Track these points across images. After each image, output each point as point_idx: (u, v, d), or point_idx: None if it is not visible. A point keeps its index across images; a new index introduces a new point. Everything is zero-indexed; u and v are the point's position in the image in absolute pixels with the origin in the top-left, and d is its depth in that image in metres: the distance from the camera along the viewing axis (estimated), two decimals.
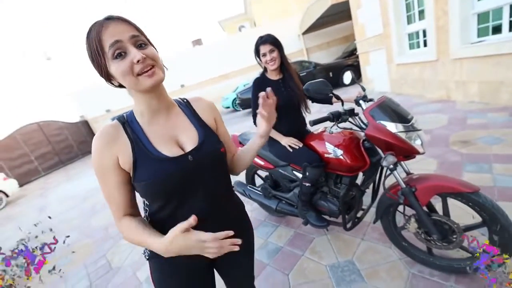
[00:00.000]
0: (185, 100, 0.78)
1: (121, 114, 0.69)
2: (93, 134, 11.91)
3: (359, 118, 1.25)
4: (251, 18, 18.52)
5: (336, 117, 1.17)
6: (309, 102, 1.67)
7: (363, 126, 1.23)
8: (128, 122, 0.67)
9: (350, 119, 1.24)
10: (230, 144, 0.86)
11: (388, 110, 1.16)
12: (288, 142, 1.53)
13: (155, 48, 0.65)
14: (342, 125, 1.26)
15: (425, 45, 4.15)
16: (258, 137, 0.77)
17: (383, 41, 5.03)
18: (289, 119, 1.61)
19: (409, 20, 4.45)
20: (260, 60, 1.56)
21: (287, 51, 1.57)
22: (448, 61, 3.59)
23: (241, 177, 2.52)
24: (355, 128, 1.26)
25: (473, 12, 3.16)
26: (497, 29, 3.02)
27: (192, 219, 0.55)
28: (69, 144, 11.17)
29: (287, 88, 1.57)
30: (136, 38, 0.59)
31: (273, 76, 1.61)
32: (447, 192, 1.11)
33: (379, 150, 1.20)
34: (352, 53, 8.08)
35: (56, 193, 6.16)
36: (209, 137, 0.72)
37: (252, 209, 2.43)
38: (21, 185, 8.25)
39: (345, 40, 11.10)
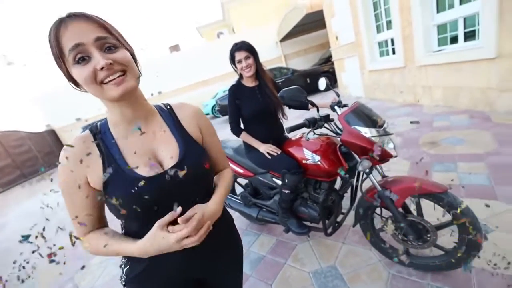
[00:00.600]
0: (168, 107, 0.69)
1: (94, 123, 0.62)
2: (61, 145, 11.09)
3: (335, 124, 1.27)
4: (229, 25, 18.66)
5: (312, 124, 1.17)
6: (286, 108, 1.68)
7: (339, 131, 1.25)
8: (100, 133, 0.59)
9: (326, 125, 1.26)
10: (220, 156, 0.76)
11: (361, 115, 1.19)
12: (266, 149, 1.51)
13: (129, 50, 0.57)
14: (319, 130, 1.27)
15: (393, 52, 4.42)
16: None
17: (356, 49, 5.28)
18: (266, 125, 1.60)
19: (378, 29, 4.72)
20: (236, 67, 1.54)
21: (265, 58, 1.58)
22: (414, 67, 3.84)
23: None
24: (331, 133, 1.27)
25: (433, 24, 3.43)
26: (454, 39, 3.29)
27: (178, 210, 0.54)
28: (33, 156, 10.21)
29: (263, 95, 1.57)
30: (102, 40, 0.51)
31: (248, 83, 1.60)
32: (420, 193, 1.15)
33: (355, 155, 1.22)
34: (328, 59, 8.40)
35: (16, 210, 5.60)
36: (192, 151, 0.64)
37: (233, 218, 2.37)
38: None
39: (321, 47, 11.53)
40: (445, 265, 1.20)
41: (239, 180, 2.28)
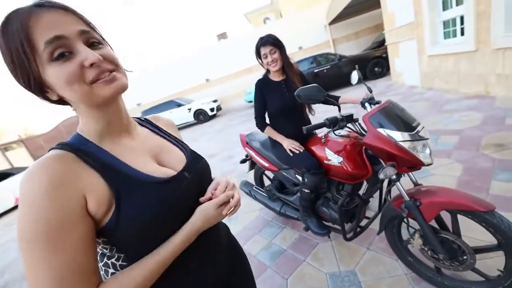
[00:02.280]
0: (143, 119, 0.65)
1: (59, 144, 0.45)
2: None
3: (359, 124, 1.17)
4: (276, 9, 18.11)
5: (333, 124, 1.10)
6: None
7: (364, 133, 1.15)
8: (80, 150, 0.44)
9: (350, 125, 1.17)
10: None
11: (391, 117, 1.06)
12: (289, 145, 1.49)
13: (112, 50, 0.49)
14: (340, 131, 1.19)
15: (462, 33, 3.71)
16: None
17: (414, 31, 4.59)
18: (291, 121, 1.56)
19: (445, 6, 3.99)
20: (262, 61, 1.53)
21: (312, 43, 1.54)
22: (489, 51, 3.17)
23: (250, 176, 2.53)
24: (353, 134, 1.18)
25: None
26: None
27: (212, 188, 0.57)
28: None
29: (290, 90, 1.52)
30: (87, 34, 0.43)
31: (275, 77, 1.57)
32: (457, 209, 1.00)
33: (381, 160, 1.12)
34: (382, 43, 7.53)
35: None
36: (193, 152, 0.63)
37: (260, 208, 2.44)
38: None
39: (375, 29, 10.34)
40: None
41: (267, 172, 2.32)
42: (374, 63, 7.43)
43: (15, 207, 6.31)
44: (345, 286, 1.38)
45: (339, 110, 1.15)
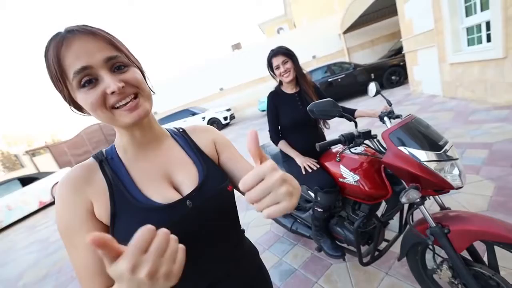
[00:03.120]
0: (181, 130, 0.64)
1: (100, 150, 0.55)
2: None
3: (378, 141, 1.08)
4: (290, 20, 18.31)
5: (348, 140, 1.02)
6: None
7: (383, 150, 1.06)
8: (107, 160, 0.51)
9: (367, 142, 1.08)
10: (245, 167, 0.61)
11: (413, 133, 0.97)
12: (303, 163, 1.41)
13: (138, 67, 0.51)
14: (357, 149, 1.10)
15: (488, 40, 3.50)
16: None
17: (434, 38, 4.41)
18: (305, 135, 1.50)
19: (468, 12, 3.81)
20: (274, 73, 1.48)
21: (326, 52, 1.49)
22: None
23: None
24: (370, 152, 1.09)
25: None
26: None
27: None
28: None
29: (304, 102, 1.46)
30: (112, 60, 0.45)
31: (288, 89, 1.52)
32: (493, 240, 0.88)
33: (403, 181, 1.02)
34: (400, 51, 7.32)
35: None
36: (213, 173, 0.57)
37: (271, 221, 2.35)
38: None
39: (391, 37, 10.13)
40: None
41: None
42: (391, 72, 7.21)
43: (38, 210, 6.60)
44: None
45: (356, 125, 1.07)
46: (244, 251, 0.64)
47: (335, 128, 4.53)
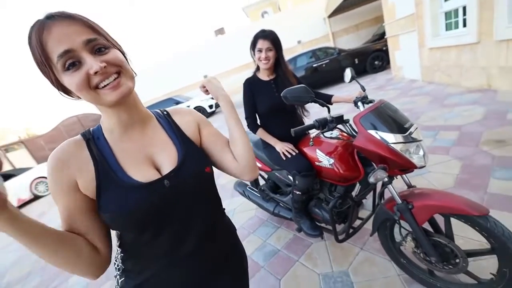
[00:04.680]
0: (165, 112, 0.67)
1: (87, 129, 0.58)
2: None
3: (350, 125, 1.13)
4: (275, 3, 17.81)
5: (322, 125, 1.06)
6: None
7: (355, 134, 1.11)
8: (93, 139, 0.55)
9: (340, 126, 1.13)
10: (224, 145, 0.68)
11: (383, 117, 1.02)
12: (282, 148, 1.45)
13: (120, 50, 0.53)
14: (330, 133, 1.15)
15: (464, 25, 3.61)
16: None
17: (415, 22, 4.48)
18: (283, 121, 1.52)
19: None
20: (254, 54, 1.46)
21: (311, 37, 1.47)
22: (492, 43, 3.08)
23: None
24: (344, 136, 1.14)
25: None
26: None
27: None
28: None
29: (280, 89, 1.48)
30: (92, 42, 0.47)
31: (264, 76, 1.52)
32: (450, 213, 0.97)
33: (373, 162, 1.08)
34: (383, 36, 7.39)
35: None
36: (192, 154, 0.60)
37: (256, 207, 2.42)
38: None
39: (375, 21, 10.14)
40: None
41: (262, 173, 2.29)
42: (374, 57, 7.31)
43: (18, 208, 6.38)
44: (337, 287, 1.37)
45: (329, 111, 1.11)
46: (221, 229, 0.68)
47: (319, 114, 4.61)
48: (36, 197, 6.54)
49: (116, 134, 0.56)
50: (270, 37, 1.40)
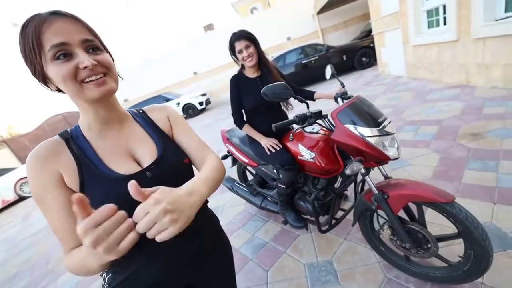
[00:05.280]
0: (141, 111, 0.70)
1: (64, 129, 0.59)
2: None
3: (328, 120, 1.18)
4: None
5: (302, 120, 1.11)
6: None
7: (333, 128, 1.16)
8: (72, 138, 0.56)
9: (320, 121, 1.17)
10: (201, 148, 0.69)
11: (358, 112, 1.07)
12: (267, 143, 1.49)
13: (111, 56, 0.56)
14: (310, 128, 1.19)
15: (445, 23, 3.74)
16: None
17: (399, 20, 4.60)
18: (268, 117, 1.56)
19: None
20: (236, 58, 1.50)
21: (300, 34, 1.50)
22: (469, 41, 3.21)
23: (233, 172, 2.54)
24: (324, 130, 1.19)
25: None
26: None
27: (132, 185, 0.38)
28: None
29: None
30: (88, 42, 0.50)
31: (250, 73, 1.55)
32: (421, 201, 1.04)
33: (350, 155, 1.14)
34: (370, 33, 7.52)
35: None
36: (170, 148, 0.64)
37: (245, 202, 2.46)
38: None
39: (363, 18, 10.27)
40: (446, 278, 1.10)
41: (250, 168, 2.33)
42: (362, 53, 7.44)
43: (2, 209, 6.18)
44: (321, 276, 1.43)
45: (307, 106, 1.15)
46: (204, 219, 0.71)
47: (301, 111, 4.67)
48: (21, 198, 6.35)
49: (95, 132, 0.58)
50: (243, 35, 1.43)
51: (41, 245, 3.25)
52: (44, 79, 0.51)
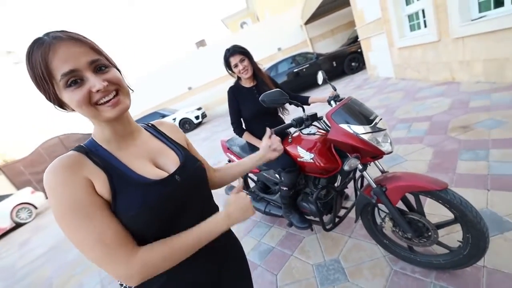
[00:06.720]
0: (150, 124, 0.73)
1: (76, 146, 0.56)
2: None
3: (324, 121, 1.25)
4: (253, 13, 18.33)
5: (299, 123, 1.18)
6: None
7: (329, 129, 1.23)
8: (91, 151, 0.55)
9: (316, 123, 1.24)
10: (205, 161, 0.81)
11: (351, 112, 1.15)
12: None
13: (118, 69, 0.57)
14: (307, 130, 1.26)
15: (425, 25, 3.94)
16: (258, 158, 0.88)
17: (383, 26, 4.82)
18: (265, 124, 1.60)
19: (407, 1, 4.23)
20: (232, 71, 1.59)
21: (289, 44, 1.58)
22: (450, 41, 3.39)
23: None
24: (320, 132, 1.26)
25: None
26: (500, 2, 2.80)
27: (241, 182, 0.53)
28: None
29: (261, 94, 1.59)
30: (95, 63, 0.51)
31: (246, 84, 1.64)
32: (417, 191, 1.10)
33: (347, 153, 1.20)
34: (357, 39, 7.81)
35: None
36: (189, 155, 0.68)
37: None
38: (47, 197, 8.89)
39: (349, 26, 10.66)
40: (449, 264, 1.14)
41: (251, 175, 2.37)
42: (351, 59, 7.69)
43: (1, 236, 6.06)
44: (330, 274, 1.46)
45: (303, 110, 1.23)
46: (231, 239, 0.77)
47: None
48: (17, 225, 6.23)
49: (114, 144, 0.58)
50: (237, 50, 1.53)
51: (41, 271, 3.20)
52: (60, 104, 0.53)
